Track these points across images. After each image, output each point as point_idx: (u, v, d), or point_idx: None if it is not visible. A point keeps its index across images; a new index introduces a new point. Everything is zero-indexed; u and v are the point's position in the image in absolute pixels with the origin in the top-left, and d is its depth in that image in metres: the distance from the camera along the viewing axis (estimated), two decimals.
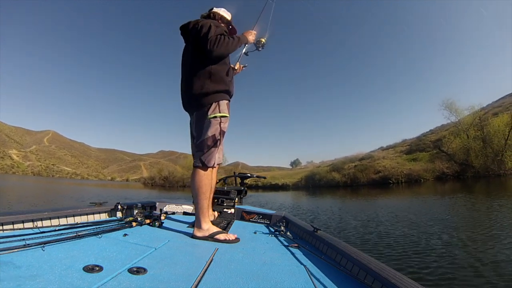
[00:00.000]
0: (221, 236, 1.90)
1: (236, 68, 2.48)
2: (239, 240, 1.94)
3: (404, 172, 32.54)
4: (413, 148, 43.54)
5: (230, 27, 2.32)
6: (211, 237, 1.88)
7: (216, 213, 2.73)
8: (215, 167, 2.05)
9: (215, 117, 1.95)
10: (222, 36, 1.91)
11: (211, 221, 2.08)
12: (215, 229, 1.95)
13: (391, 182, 31.86)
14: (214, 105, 1.96)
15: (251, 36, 2.27)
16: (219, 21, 2.19)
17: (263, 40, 2.40)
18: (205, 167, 1.94)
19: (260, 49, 2.44)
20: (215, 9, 2.23)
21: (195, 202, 1.94)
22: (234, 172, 3.48)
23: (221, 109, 1.97)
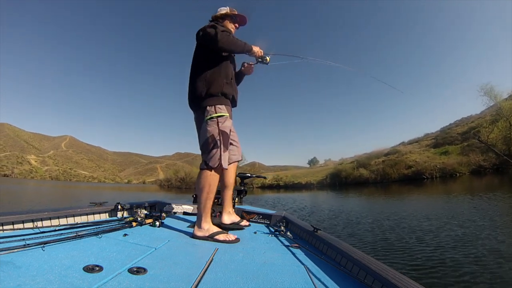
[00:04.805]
0: (221, 237, 1.93)
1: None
2: (239, 240, 1.96)
3: (438, 166, 30.85)
4: (439, 141, 41.99)
5: (237, 17, 2.37)
6: (211, 237, 1.92)
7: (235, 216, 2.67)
8: (224, 168, 2.04)
9: (212, 118, 2.02)
10: (229, 33, 2.08)
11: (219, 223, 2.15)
12: (215, 229, 1.99)
13: (425, 177, 30.49)
14: (209, 108, 2.03)
15: (257, 49, 2.30)
16: (223, 21, 2.32)
17: (268, 58, 2.41)
18: (209, 168, 1.99)
19: (259, 61, 2.41)
20: (213, 15, 2.35)
21: (198, 202, 2.00)
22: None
23: (217, 110, 2.03)
